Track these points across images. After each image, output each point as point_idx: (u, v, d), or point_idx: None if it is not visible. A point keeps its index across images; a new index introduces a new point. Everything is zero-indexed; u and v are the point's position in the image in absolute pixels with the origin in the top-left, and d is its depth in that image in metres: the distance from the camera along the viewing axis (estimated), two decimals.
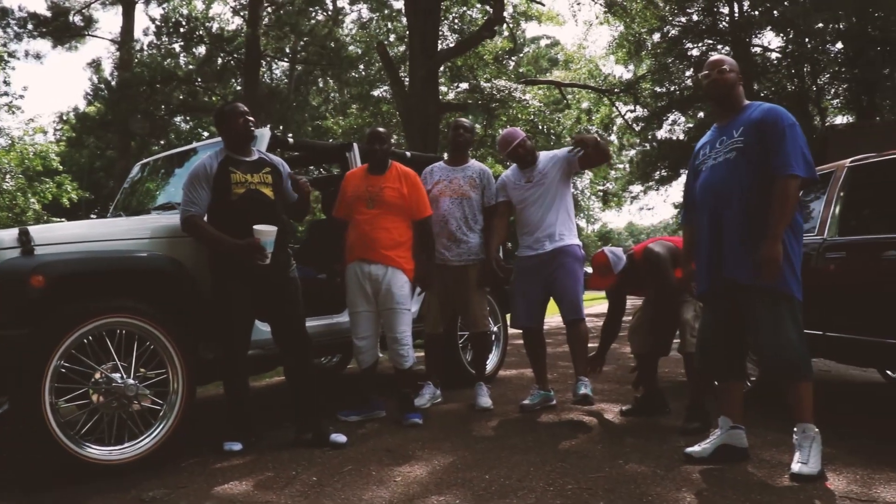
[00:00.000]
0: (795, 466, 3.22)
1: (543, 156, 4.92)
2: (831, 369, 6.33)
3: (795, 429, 3.34)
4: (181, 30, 21.86)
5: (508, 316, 5.52)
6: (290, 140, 5.28)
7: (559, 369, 6.56)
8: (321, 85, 26.80)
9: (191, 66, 23.93)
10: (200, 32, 22.33)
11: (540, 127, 17.28)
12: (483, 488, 3.24)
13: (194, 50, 24.02)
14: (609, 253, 4.54)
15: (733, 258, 3.37)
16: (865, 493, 3.03)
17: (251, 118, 4.10)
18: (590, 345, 4.86)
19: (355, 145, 5.40)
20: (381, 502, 3.11)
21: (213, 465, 3.75)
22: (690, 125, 22.04)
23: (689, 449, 3.55)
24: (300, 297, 4.21)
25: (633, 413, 4.63)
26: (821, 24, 17.30)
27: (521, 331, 4.99)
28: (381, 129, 4.78)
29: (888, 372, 5.62)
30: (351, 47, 23.89)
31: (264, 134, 4.64)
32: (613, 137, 24.90)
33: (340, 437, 4.08)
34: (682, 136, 21.40)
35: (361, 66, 23.13)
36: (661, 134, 23.01)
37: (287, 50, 25.01)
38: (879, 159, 4.38)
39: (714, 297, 3.56)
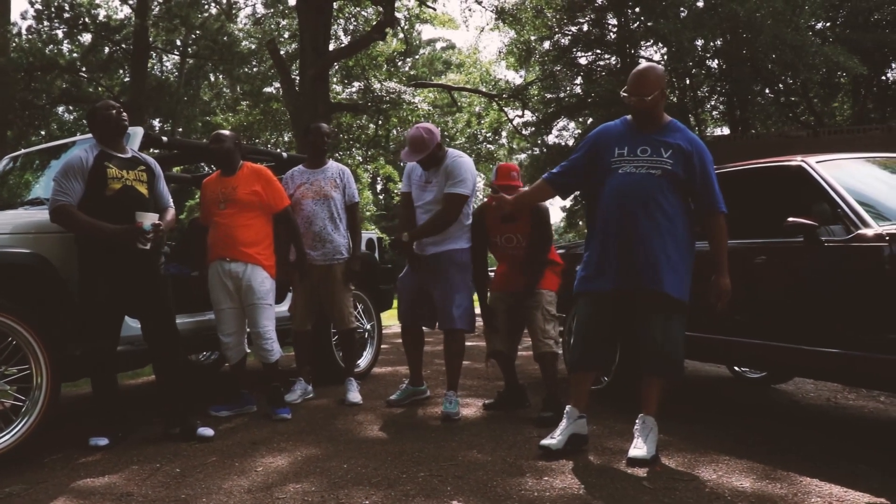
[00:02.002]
0: (632, 451, 3.53)
1: (448, 157, 4.68)
2: (687, 365, 6.79)
3: (638, 419, 3.67)
4: (64, 15, 21.06)
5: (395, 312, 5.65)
6: (165, 139, 5.32)
7: (434, 366, 6.78)
8: (212, 80, 26.38)
9: (75, 55, 23.11)
10: (86, 20, 21.58)
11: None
12: (339, 476, 3.42)
13: (79, 38, 23.20)
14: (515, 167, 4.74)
15: (664, 268, 3.55)
16: (689, 472, 3.37)
17: (124, 112, 4.16)
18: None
19: None
20: (240, 490, 3.24)
21: (77, 461, 3.80)
22: (579, 131, 22.74)
23: (544, 441, 3.72)
24: (170, 294, 4.28)
25: (495, 407, 4.87)
26: (700, 41, 18.28)
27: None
28: (221, 132, 4.93)
29: (735, 368, 6.09)
30: (244, 43, 23.59)
31: (137, 132, 4.68)
32: (504, 141, 25.49)
33: (207, 431, 4.18)
34: (570, 142, 22.08)
35: (254, 63, 22.89)
36: (551, 139, 23.69)
37: (178, 42, 24.46)
38: (734, 169, 4.77)
39: (605, 296, 3.72)
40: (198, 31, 21.75)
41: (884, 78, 22.50)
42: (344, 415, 4.79)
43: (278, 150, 6.38)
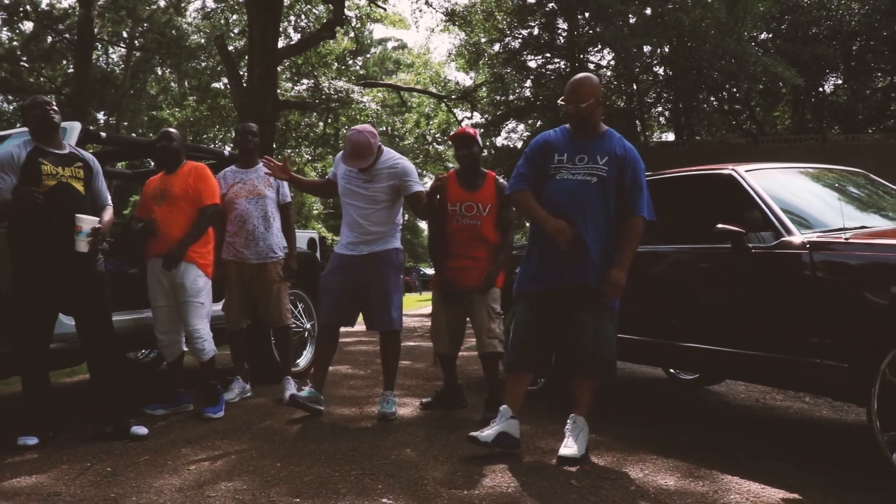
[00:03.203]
0: (563, 450, 3.61)
1: (386, 156, 4.65)
2: (624, 367, 6.93)
3: (569, 419, 3.75)
4: (4, 2, 20.51)
5: None
6: (104, 134, 5.25)
7: (375, 366, 6.79)
8: (159, 74, 25.97)
9: (15, 43, 22.54)
10: (27, 7, 21.06)
11: (380, 128, 17.54)
12: (272, 475, 3.43)
13: (20, 25, 22.63)
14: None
15: (593, 268, 3.67)
16: (617, 471, 3.47)
17: (54, 108, 4.08)
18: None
19: None
20: (171, 489, 3.23)
21: (4, 460, 3.73)
22: (528, 134, 22.93)
23: (473, 433, 3.79)
24: (107, 291, 4.23)
25: (432, 406, 4.92)
26: (648, 48, 18.63)
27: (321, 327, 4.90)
28: (170, 130, 4.92)
29: (671, 370, 6.24)
30: (193, 37, 23.28)
31: (74, 127, 4.61)
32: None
33: (141, 430, 4.15)
34: (519, 145, 22.23)
35: (202, 58, 22.60)
36: (499, 141, 23.85)
37: (124, 35, 24.05)
38: (653, 177, 4.90)
39: (544, 297, 3.81)
40: (145, 24, 21.42)
41: (821, 89, 23.24)
42: (281, 413, 4.79)
43: (219, 148, 6.32)
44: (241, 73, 15.29)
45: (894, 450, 3.16)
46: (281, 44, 16.32)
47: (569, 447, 3.62)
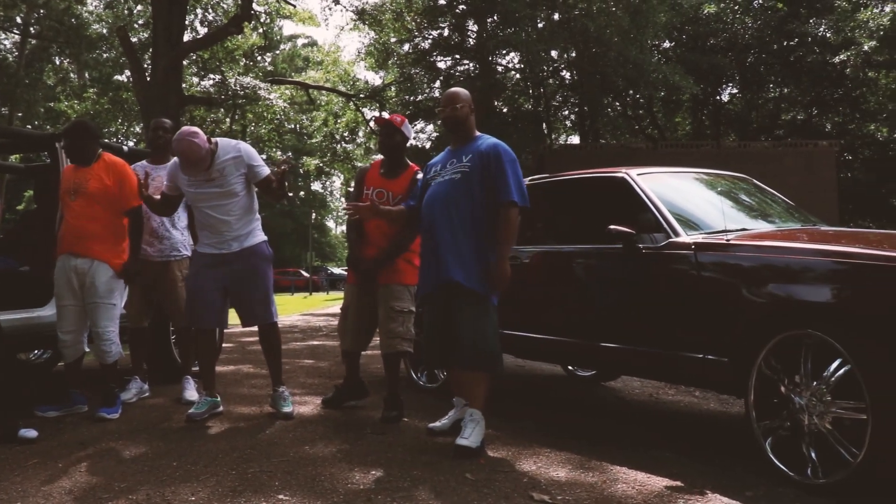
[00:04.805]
0: (459, 440, 3.72)
1: (224, 147, 4.52)
2: (525, 365, 7.09)
3: (466, 413, 3.85)
4: None
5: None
6: None
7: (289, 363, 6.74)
8: (57, 64, 24.95)
9: None
10: None
11: (288, 125, 17.37)
12: (168, 474, 3.39)
13: None
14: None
15: (458, 263, 3.82)
16: (510, 464, 3.57)
17: None
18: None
19: None
20: (60, 492, 3.16)
21: None
22: (437, 134, 23.08)
23: (431, 424, 4.07)
24: None
25: (333, 403, 4.89)
26: (555, 52, 19.04)
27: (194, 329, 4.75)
28: (80, 120, 4.76)
29: (569, 367, 6.42)
30: (94, 27, 22.49)
31: None
32: (361, 141, 25.46)
33: (30, 433, 4.03)
34: (427, 145, 22.36)
35: (104, 49, 21.87)
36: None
37: (18, 20, 23.03)
38: (551, 179, 5.07)
39: (433, 298, 3.99)
40: (41, 10, 20.55)
41: (718, 98, 24.30)
42: (180, 413, 4.71)
43: (119, 143, 6.17)
44: (145, 66, 14.90)
45: (768, 437, 3.37)
46: (187, 37, 16.00)
47: (465, 438, 3.72)
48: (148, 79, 14.12)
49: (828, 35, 20.20)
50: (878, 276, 3.02)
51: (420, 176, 4.47)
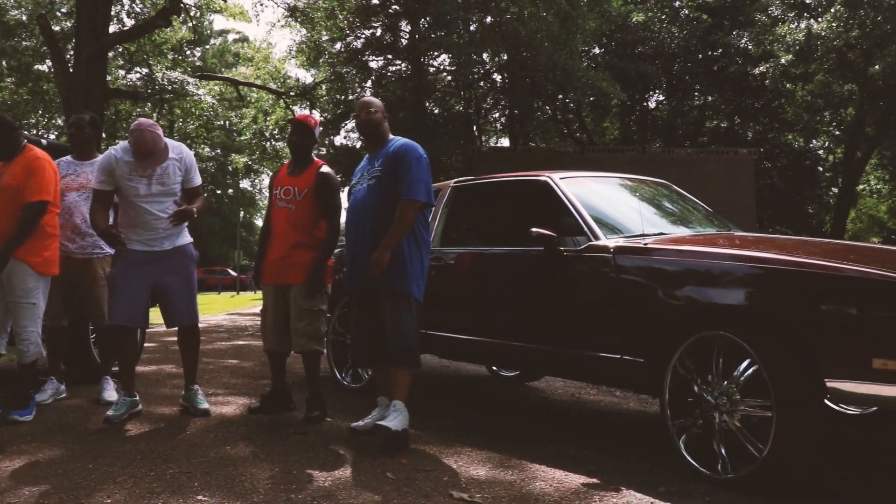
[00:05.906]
0: (383, 422, 3.81)
1: (172, 148, 4.54)
2: (450, 365, 7.15)
3: (390, 405, 3.93)
4: None
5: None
6: None
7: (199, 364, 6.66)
8: None
9: None
10: None
11: (217, 122, 17.10)
12: (83, 477, 3.32)
13: None
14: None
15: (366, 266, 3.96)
16: (432, 462, 3.62)
17: None
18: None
19: None
20: None
21: None
22: None
23: (354, 424, 4.06)
24: None
25: (261, 410, 4.73)
26: (487, 55, 19.21)
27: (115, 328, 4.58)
28: (3, 115, 4.62)
29: (493, 367, 6.51)
30: (12, 12, 21.68)
31: None
32: None
33: None
34: (358, 144, 22.26)
35: (23, 36, 21.10)
36: (338, 140, 23.81)
37: None
38: (476, 181, 5.14)
39: (357, 297, 4.11)
40: None
41: (645, 104, 24.90)
42: (98, 414, 4.60)
43: (38, 136, 6.00)
44: (68, 56, 14.45)
45: (682, 435, 3.50)
46: (113, 29, 15.59)
47: (388, 420, 3.82)
48: (70, 70, 13.70)
49: (749, 47, 20.87)
50: (785, 280, 3.18)
51: (325, 169, 4.61)
